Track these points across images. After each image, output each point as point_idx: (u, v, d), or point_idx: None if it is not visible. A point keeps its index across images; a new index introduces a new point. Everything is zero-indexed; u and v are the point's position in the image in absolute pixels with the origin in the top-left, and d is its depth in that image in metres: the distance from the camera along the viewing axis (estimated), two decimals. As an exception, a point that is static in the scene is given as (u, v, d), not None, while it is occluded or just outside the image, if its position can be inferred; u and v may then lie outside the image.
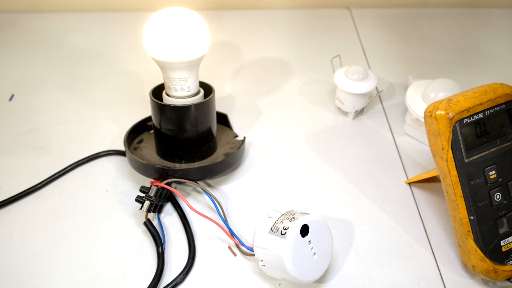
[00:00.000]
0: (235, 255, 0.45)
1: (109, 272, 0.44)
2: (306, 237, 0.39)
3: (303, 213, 0.41)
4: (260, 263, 0.40)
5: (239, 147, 0.53)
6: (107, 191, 0.53)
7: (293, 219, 0.40)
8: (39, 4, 0.95)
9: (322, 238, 0.41)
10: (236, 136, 0.58)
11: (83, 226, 0.48)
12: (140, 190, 0.48)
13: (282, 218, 0.40)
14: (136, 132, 0.56)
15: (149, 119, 0.58)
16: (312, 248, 0.40)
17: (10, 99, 0.68)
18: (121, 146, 0.58)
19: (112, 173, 0.55)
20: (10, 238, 0.47)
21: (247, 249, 0.44)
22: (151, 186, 0.47)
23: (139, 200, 0.47)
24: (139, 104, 0.67)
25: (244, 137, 0.55)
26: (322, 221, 0.41)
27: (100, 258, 0.45)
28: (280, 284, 0.43)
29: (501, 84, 0.42)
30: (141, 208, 0.47)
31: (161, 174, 0.49)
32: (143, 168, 0.50)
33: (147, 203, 0.47)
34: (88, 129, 0.62)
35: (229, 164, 0.51)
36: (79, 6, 0.97)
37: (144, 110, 0.65)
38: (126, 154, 0.51)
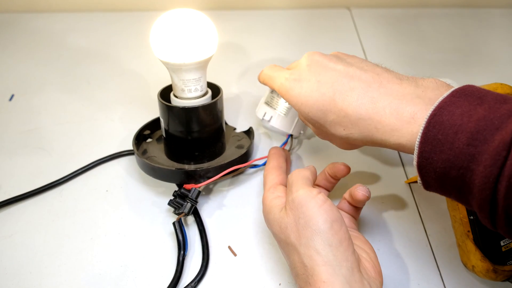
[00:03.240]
0: (235, 255, 0.45)
1: (109, 272, 0.44)
2: None
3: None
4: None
5: (250, 138, 0.56)
6: (107, 191, 0.53)
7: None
8: (39, 4, 0.96)
9: None
10: (235, 128, 0.59)
11: (83, 226, 0.48)
12: (173, 195, 0.48)
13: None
14: (137, 139, 0.55)
15: (146, 127, 0.57)
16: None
17: (10, 99, 0.69)
18: (120, 147, 0.58)
19: (111, 173, 0.55)
20: (10, 238, 0.47)
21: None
22: (192, 189, 0.47)
23: (173, 204, 0.47)
24: (139, 104, 0.67)
25: (251, 127, 0.57)
26: None
27: (100, 258, 0.45)
28: (280, 284, 0.43)
29: (501, 84, 0.42)
30: (174, 212, 0.47)
31: (193, 176, 0.49)
32: (167, 173, 0.49)
33: (189, 205, 0.47)
34: (88, 129, 0.62)
35: (248, 155, 0.54)
36: (79, 6, 0.97)
37: (144, 110, 0.65)
38: (138, 160, 0.51)
